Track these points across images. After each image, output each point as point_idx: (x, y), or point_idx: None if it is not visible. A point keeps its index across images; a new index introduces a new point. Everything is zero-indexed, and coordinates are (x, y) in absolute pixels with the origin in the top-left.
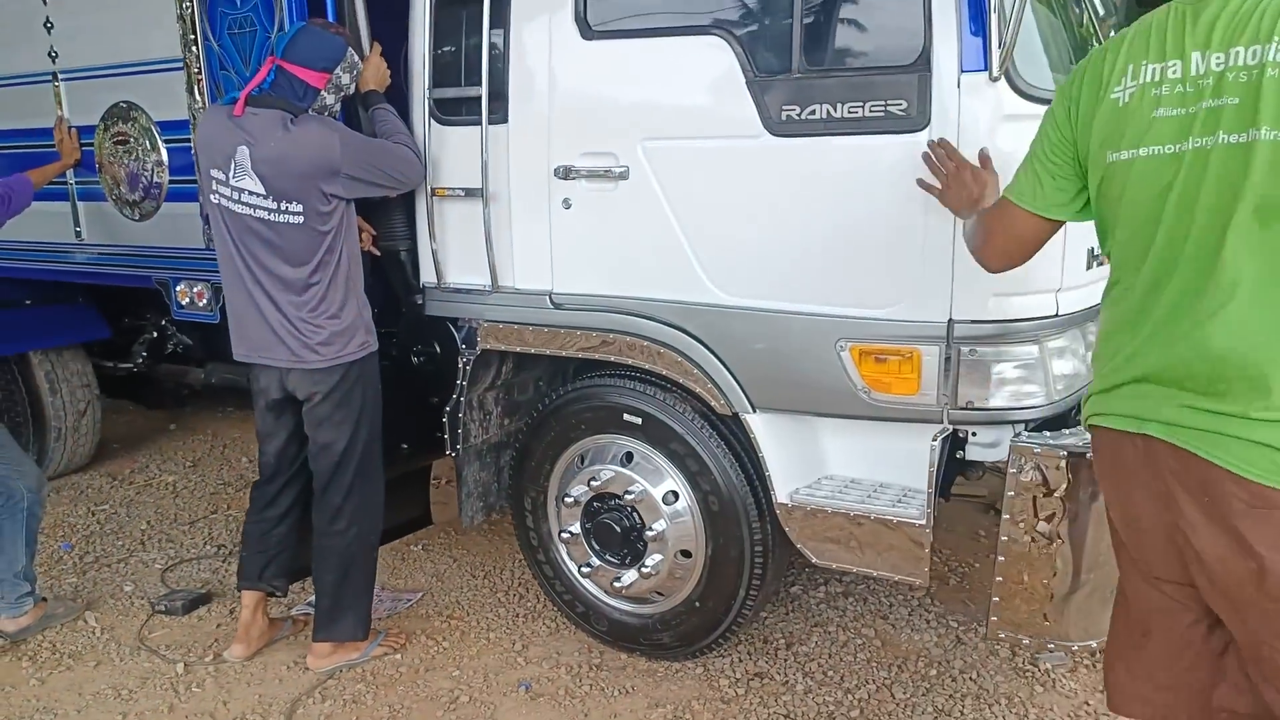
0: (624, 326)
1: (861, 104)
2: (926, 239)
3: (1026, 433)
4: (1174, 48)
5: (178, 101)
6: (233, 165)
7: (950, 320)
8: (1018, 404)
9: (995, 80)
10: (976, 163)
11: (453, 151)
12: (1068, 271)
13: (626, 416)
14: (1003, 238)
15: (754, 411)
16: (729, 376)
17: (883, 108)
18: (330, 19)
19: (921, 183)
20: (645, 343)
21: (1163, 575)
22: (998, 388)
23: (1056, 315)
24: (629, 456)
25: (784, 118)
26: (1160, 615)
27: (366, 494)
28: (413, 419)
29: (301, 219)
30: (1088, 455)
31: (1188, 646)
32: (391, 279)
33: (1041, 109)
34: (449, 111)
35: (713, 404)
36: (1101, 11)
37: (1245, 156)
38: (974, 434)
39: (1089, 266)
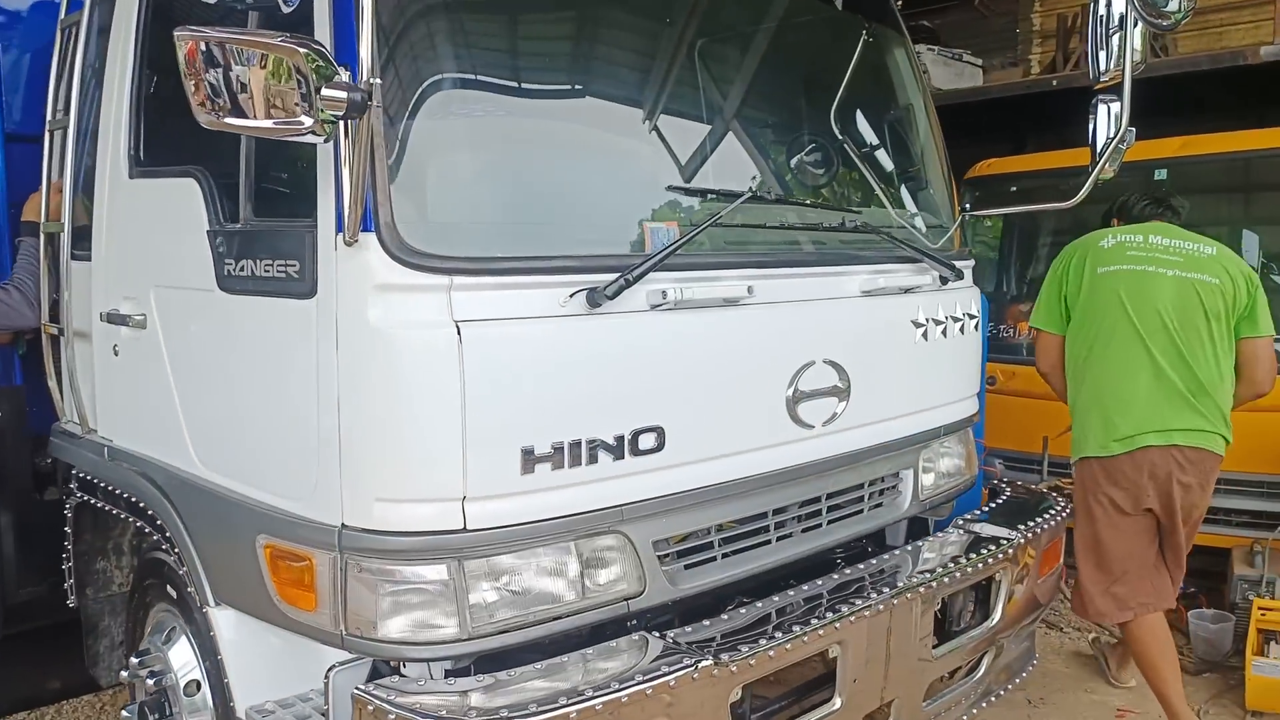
0: (136, 488)
1: (271, 262)
2: (320, 422)
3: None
4: None
5: None
6: None
7: (342, 526)
8: (416, 637)
9: (350, 244)
10: None
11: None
12: (477, 477)
13: (169, 588)
14: None
15: (215, 605)
16: (195, 559)
17: (284, 268)
18: None
19: None
20: (148, 510)
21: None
22: (391, 614)
23: (464, 530)
24: (174, 633)
25: (226, 272)
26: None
27: None
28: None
29: None
30: None
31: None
32: None
33: (433, 280)
34: (78, 246)
35: (190, 590)
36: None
37: None
38: (403, 666)
39: (528, 470)
